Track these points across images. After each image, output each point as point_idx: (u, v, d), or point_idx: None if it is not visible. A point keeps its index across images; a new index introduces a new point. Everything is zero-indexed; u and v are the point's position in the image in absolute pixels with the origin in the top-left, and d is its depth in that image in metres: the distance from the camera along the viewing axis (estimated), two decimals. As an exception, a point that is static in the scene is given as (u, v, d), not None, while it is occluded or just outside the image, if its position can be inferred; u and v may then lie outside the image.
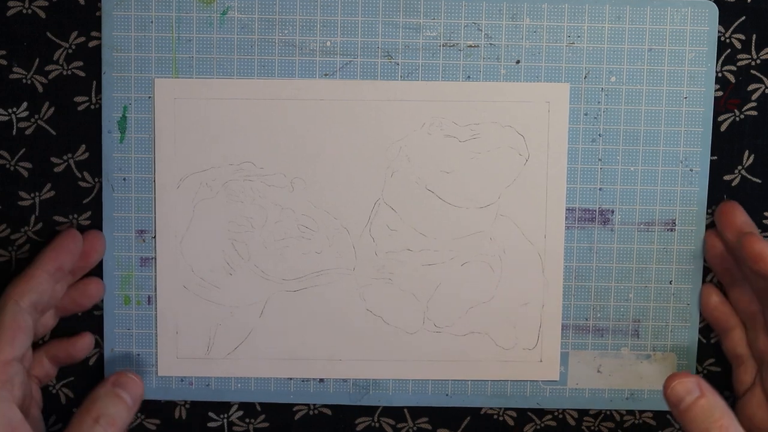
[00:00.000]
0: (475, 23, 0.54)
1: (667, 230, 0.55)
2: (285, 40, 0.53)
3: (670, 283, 0.55)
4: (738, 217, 0.53)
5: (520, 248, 0.54)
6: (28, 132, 0.54)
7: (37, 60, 0.53)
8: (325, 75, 0.53)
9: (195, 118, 0.53)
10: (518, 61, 0.54)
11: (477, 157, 0.54)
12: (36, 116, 0.54)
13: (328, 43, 0.54)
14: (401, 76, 0.54)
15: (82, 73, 0.54)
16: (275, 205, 0.54)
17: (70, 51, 0.53)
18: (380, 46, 0.54)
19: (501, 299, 0.55)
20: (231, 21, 0.53)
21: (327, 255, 0.54)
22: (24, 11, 0.53)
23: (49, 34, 0.53)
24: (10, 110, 0.54)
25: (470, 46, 0.54)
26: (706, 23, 0.54)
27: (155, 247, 0.54)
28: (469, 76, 0.54)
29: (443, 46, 0.54)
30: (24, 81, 0.53)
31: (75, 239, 0.52)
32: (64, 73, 0.54)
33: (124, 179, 0.54)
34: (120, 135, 0.54)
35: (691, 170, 0.55)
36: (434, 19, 0.54)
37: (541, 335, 0.55)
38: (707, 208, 0.55)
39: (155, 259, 0.54)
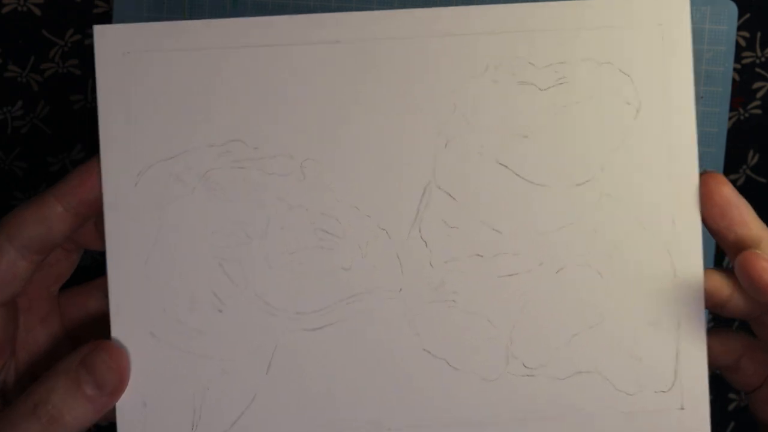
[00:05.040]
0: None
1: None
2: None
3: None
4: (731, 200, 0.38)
5: (639, 241, 0.38)
6: (23, 131, 0.52)
7: (33, 58, 0.52)
8: None
9: (156, 81, 0.37)
10: None
11: (565, 111, 0.37)
12: (31, 115, 0.52)
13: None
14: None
15: (78, 71, 0.51)
16: (280, 201, 0.37)
17: (66, 49, 0.51)
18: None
19: (616, 319, 0.38)
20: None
21: (359, 271, 0.37)
22: (19, 9, 0.51)
23: (44, 32, 0.51)
24: (5, 109, 0.52)
25: None
26: (725, 23, 0.50)
27: (107, 275, 0.37)
28: None
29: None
30: (19, 79, 0.52)
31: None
32: (60, 71, 0.51)
33: None
34: None
35: (705, 171, 0.47)
36: None
37: (679, 369, 0.38)
38: None
39: (107, 293, 0.37)
